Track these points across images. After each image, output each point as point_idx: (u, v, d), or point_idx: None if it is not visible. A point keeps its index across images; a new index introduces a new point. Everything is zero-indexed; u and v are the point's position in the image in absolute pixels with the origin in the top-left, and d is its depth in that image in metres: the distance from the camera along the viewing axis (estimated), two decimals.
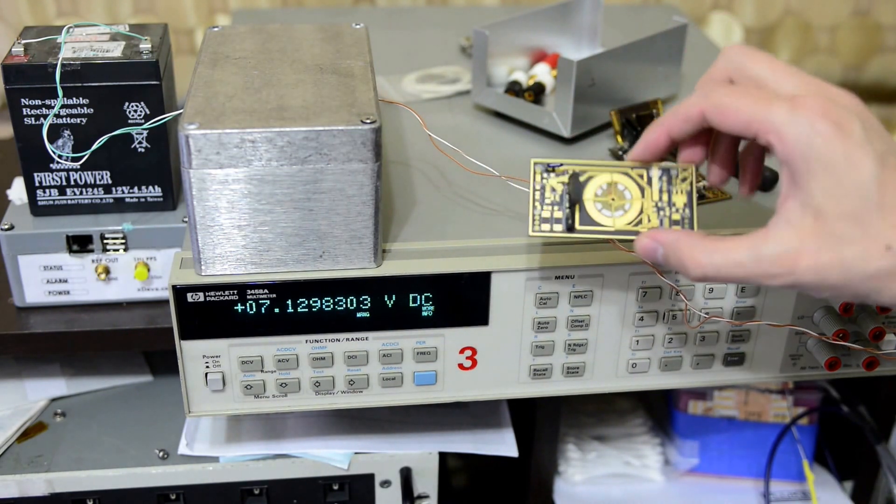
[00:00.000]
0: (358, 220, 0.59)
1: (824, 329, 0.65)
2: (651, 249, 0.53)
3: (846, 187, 0.47)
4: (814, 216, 0.48)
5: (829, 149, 0.47)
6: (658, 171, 0.57)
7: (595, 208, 0.56)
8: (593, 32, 0.89)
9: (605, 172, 0.57)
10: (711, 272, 0.50)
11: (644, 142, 0.56)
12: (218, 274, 0.59)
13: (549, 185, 0.57)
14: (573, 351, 0.65)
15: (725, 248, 0.50)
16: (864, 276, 0.47)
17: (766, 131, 0.48)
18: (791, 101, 0.48)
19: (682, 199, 0.56)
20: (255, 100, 0.58)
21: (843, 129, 0.47)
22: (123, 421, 0.78)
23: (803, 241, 0.48)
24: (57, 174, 0.68)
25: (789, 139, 0.48)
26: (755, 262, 0.49)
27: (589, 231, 0.56)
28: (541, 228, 0.56)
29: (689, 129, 0.53)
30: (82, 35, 0.69)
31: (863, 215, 0.47)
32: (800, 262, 0.48)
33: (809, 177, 0.48)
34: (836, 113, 0.47)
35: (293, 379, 0.63)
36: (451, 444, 0.75)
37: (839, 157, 0.47)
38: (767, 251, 0.49)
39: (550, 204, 0.56)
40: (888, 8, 1.21)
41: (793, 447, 0.86)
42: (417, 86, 0.88)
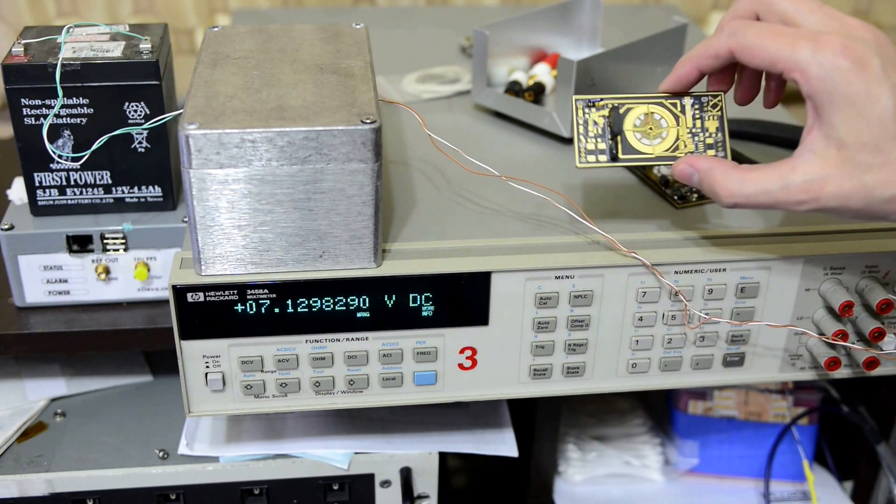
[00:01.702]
0: (358, 220, 0.59)
1: (824, 329, 0.65)
2: (688, 174, 0.58)
3: (866, 119, 0.51)
4: (837, 146, 0.52)
5: (850, 84, 0.51)
6: (690, 99, 0.61)
7: (635, 138, 0.60)
8: (593, 32, 0.89)
9: (641, 104, 0.61)
10: (741, 200, 0.55)
11: (675, 75, 0.60)
12: (218, 274, 0.59)
13: (591, 118, 0.61)
14: (573, 351, 0.65)
15: (755, 178, 0.54)
16: (884, 200, 0.52)
17: (791, 69, 0.52)
18: (814, 40, 0.52)
19: (715, 124, 0.61)
20: (255, 100, 0.58)
21: (862, 65, 0.51)
22: (123, 421, 0.78)
23: (827, 170, 0.52)
24: (57, 174, 0.68)
25: (813, 76, 0.51)
26: (783, 189, 0.53)
27: (632, 159, 0.60)
28: (587, 160, 0.60)
29: (717, 64, 0.57)
30: (82, 35, 0.69)
31: (882, 144, 0.51)
32: (825, 189, 0.52)
33: (832, 110, 0.51)
34: (856, 50, 0.51)
35: (293, 379, 0.63)
36: (451, 444, 0.75)
37: (859, 92, 0.51)
38: (795, 179, 0.53)
39: (594, 137, 0.60)
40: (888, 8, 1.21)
41: (793, 447, 0.86)
42: (417, 86, 0.88)
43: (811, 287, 0.65)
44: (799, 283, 0.64)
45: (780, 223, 0.66)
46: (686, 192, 0.69)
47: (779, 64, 0.53)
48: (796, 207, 0.53)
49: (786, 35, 0.53)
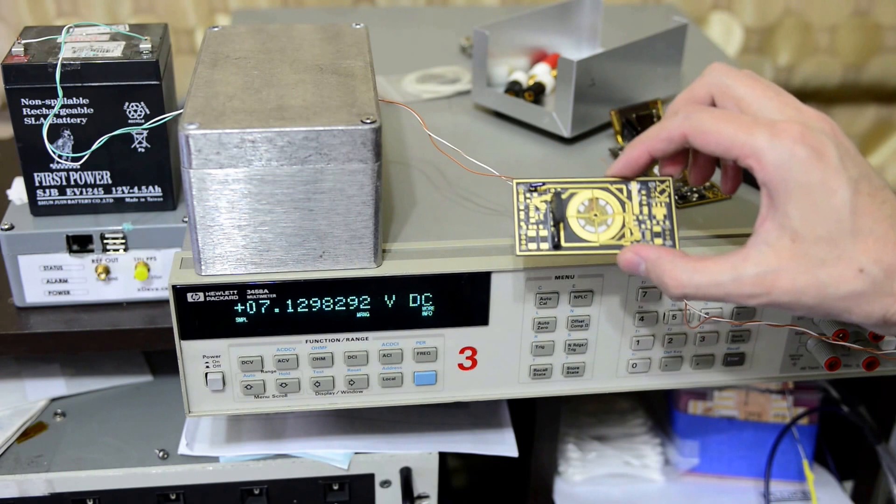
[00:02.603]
0: (358, 220, 0.59)
1: (824, 329, 0.65)
2: (634, 264, 0.55)
3: (822, 211, 0.49)
4: (791, 238, 0.50)
5: (807, 174, 0.49)
6: (637, 184, 0.58)
7: (579, 224, 0.58)
8: (593, 32, 0.89)
9: (585, 189, 0.58)
10: (691, 290, 0.53)
11: (625, 159, 0.58)
12: (218, 274, 0.59)
13: (533, 204, 0.58)
14: (573, 351, 0.65)
15: (705, 268, 0.52)
16: (837, 297, 0.50)
17: (747, 155, 0.51)
18: (771, 127, 0.50)
19: (662, 210, 0.58)
20: (255, 100, 0.58)
21: (820, 155, 0.49)
22: (123, 421, 0.78)
23: (781, 263, 0.50)
24: (57, 174, 0.68)
25: (769, 163, 0.50)
26: (734, 282, 0.51)
27: (575, 247, 0.57)
28: (528, 248, 0.58)
29: (670, 148, 0.55)
30: (82, 35, 0.69)
31: (837, 239, 0.49)
32: (777, 283, 0.50)
33: (787, 200, 0.50)
34: (813, 139, 0.50)
35: (293, 379, 0.63)
36: (451, 444, 0.75)
37: (816, 182, 0.49)
38: (747, 271, 0.51)
39: (535, 223, 0.58)
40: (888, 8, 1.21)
41: (793, 447, 0.86)
42: (417, 86, 0.88)
43: None
44: None
45: None
46: (686, 192, 0.69)
47: (734, 150, 0.51)
48: (748, 301, 0.51)
49: (741, 121, 0.52)
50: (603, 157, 0.75)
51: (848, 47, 1.22)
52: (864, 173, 0.51)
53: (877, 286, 0.50)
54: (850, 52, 1.22)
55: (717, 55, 0.97)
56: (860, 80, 1.24)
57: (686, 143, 0.54)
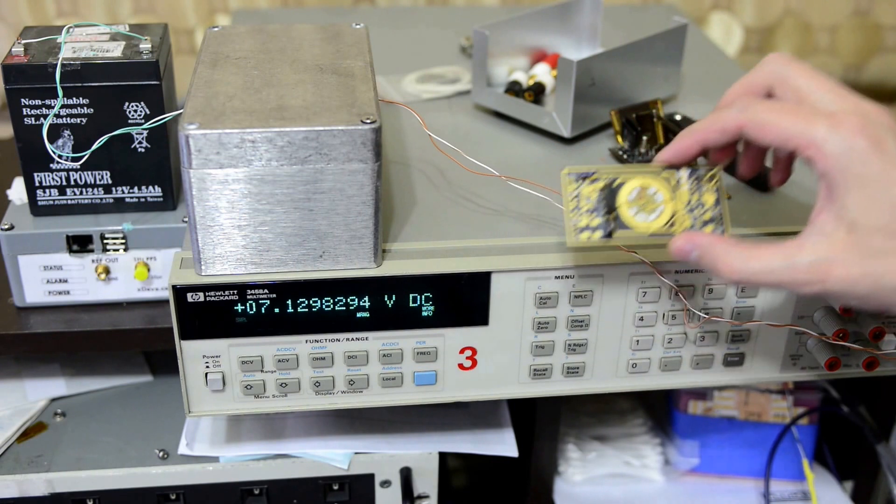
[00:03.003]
0: (358, 220, 0.59)
1: (824, 329, 0.65)
2: (686, 251, 0.55)
3: (880, 202, 0.49)
4: (847, 229, 0.50)
5: (866, 165, 0.49)
6: (686, 171, 0.58)
7: (629, 213, 0.58)
8: (593, 32, 0.89)
9: (635, 177, 0.58)
10: (745, 277, 0.52)
11: (675, 147, 0.57)
12: (218, 274, 0.59)
13: (584, 193, 0.58)
14: (573, 351, 0.65)
15: (759, 256, 0.52)
16: (892, 289, 0.49)
17: (806, 146, 0.51)
18: (831, 118, 0.50)
19: (712, 198, 0.58)
20: (255, 100, 0.58)
21: (879, 147, 0.49)
22: (123, 421, 0.78)
23: (836, 253, 0.50)
24: (57, 174, 0.68)
25: (829, 155, 0.50)
26: (788, 270, 0.51)
27: (628, 237, 0.57)
28: (579, 238, 0.57)
29: (723, 140, 0.55)
30: (82, 35, 0.69)
31: (894, 231, 0.49)
32: (831, 273, 0.50)
33: (846, 191, 0.50)
34: (873, 130, 0.50)
35: (293, 379, 0.63)
36: (451, 444, 0.75)
37: (875, 173, 0.49)
38: (801, 260, 0.51)
39: (587, 212, 0.58)
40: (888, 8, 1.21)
41: (793, 447, 0.86)
42: (417, 86, 0.88)
43: None
44: None
45: (781, 223, 0.66)
46: None
47: (792, 141, 0.51)
48: (801, 289, 0.51)
49: (800, 113, 0.52)
50: (603, 157, 0.75)
51: (848, 47, 1.22)
52: None
53: None
54: (850, 52, 1.22)
55: (716, 55, 0.97)
56: (860, 80, 1.24)
57: (741, 134, 0.54)
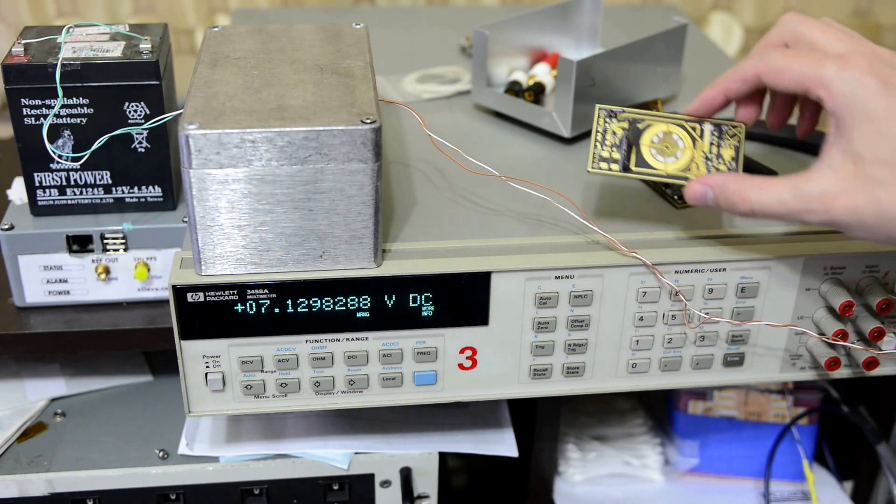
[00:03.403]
0: (358, 220, 0.59)
1: (824, 329, 0.65)
2: (701, 193, 0.58)
3: (885, 135, 0.51)
4: (853, 161, 0.52)
5: (872, 100, 0.51)
6: (711, 125, 0.62)
7: (650, 153, 0.61)
8: (593, 32, 0.89)
9: (662, 123, 0.62)
10: (758, 208, 0.55)
11: (701, 98, 0.61)
12: (218, 274, 0.59)
13: (611, 128, 0.62)
14: (573, 351, 0.65)
15: (771, 186, 0.55)
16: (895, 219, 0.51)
17: (816, 86, 0.53)
18: (840, 59, 0.53)
19: (730, 152, 0.61)
20: (255, 100, 0.58)
21: (887, 83, 0.51)
22: (123, 421, 0.78)
23: (841, 183, 0.52)
24: (57, 174, 0.68)
25: (837, 92, 0.52)
26: (797, 199, 0.54)
27: (643, 173, 0.61)
28: (599, 166, 0.61)
29: (744, 88, 0.58)
30: (82, 35, 0.69)
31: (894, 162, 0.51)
32: (837, 202, 0.52)
33: (852, 126, 0.52)
34: (881, 69, 0.52)
35: (293, 379, 0.63)
36: (451, 444, 0.75)
37: (881, 108, 0.51)
38: (809, 190, 0.53)
39: (610, 146, 0.62)
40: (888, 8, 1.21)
41: (793, 447, 0.86)
42: (417, 86, 0.88)
43: (811, 287, 0.65)
44: (799, 283, 0.64)
45: (782, 223, 0.66)
46: None
47: (805, 82, 0.54)
48: (808, 217, 0.54)
49: (811, 56, 0.54)
50: None
51: None
52: None
53: None
54: None
55: (716, 55, 0.97)
56: None
57: (760, 82, 0.57)
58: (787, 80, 0.55)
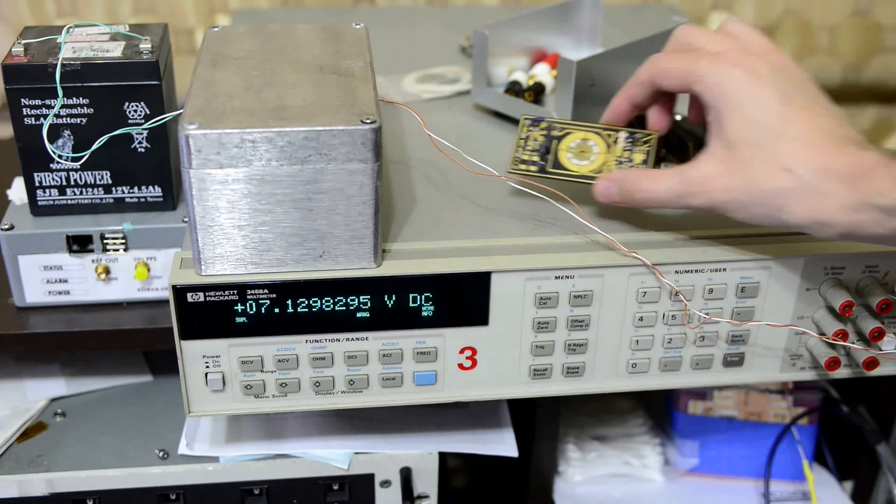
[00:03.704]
0: (358, 220, 0.59)
1: (824, 329, 0.65)
2: (605, 188, 0.62)
3: (751, 119, 0.56)
4: (727, 147, 0.57)
5: (740, 89, 0.56)
6: (625, 133, 0.67)
7: (566, 157, 0.66)
8: (593, 32, 0.89)
9: (580, 131, 0.67)
10: (652, 195, 0.60)
11: (610, 107, 0.66)
12: (218, 274, 0.59)
13: (533, 135, 0.67)
14: (573, 351, 0.65)
15: (661, 176, 0.60)
16: (767, 194, 0.55)
17: (693, 81, 0.58)
18: (712, 56, 0.58)
19: (641, 156, 0.65)
20: (255, 100, 0.58)
21: (754, 73, 0.56)
22: (123, 421, 0.78)
23: (718, 167, 0.57)
24: (57, 174, 0.68)
25: (710, 84, 0.57)
26: (681, 184, 0.58)
27: (557, 174, 0.65)
28: (518, 168, 0.66)
29: (643, 92, 0.63)
30: (82, 35, 0.69)
31: (765, 143, 0.55)
32: (714, 183, 0.57)
33: (724, 114, 0.57)
34: (748, 61, 0.57)
35: (293, 379, 0.63)
36: (451, 444, 0.75)
37: (748, 96, 0.56)
38: (691, 175, 0.58)
39: (531, 150, 0.66)
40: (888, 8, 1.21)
41: (793, 447, 0.86)
42: (417, 86, 0.88)
43: (811, 287, 0.65)
44: (799, 283, 0.64)
45: None
46: None
47: (685, 79, 0.59)
48: (692, 200, 0.58)
49: (690, 55, 0.60)
50: None
51: (848, 47, 1.22)
52: (804, 92, 0.57)
53: (803, 185, 0.54)
54: (850, 52, 1.22)
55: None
56: (860, 80, 1.24)
57: (653, 84, 0.62)
58: (671, 78, 0.60)
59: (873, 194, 0.53)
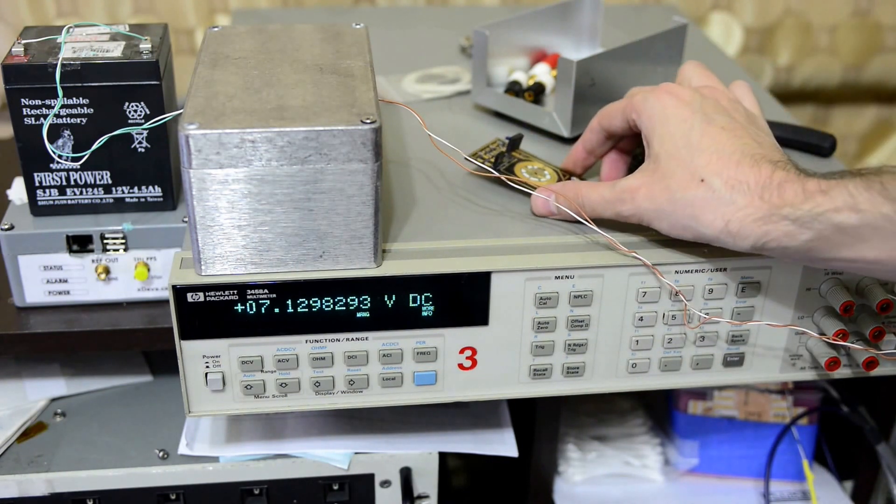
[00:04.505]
0: (358, 220, 0.59)
1: (824, 329, 0.65)
2: (542, 202, 0.65)
3: (675, 137, 0.60)
4: (654, 161, 0.61)
5: (666, 110, 0.61)
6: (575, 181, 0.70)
7: (521, 172, 0.69)
8: (593, 32, 0.89)
9: (539, 163, 0.71)
10: (587, 203, 0.63)
11: (569, 156, 0.71)
12: (218, 274, 0.59)
13: (499, 149, 0.72)
14: (573, 351, 0.65)
15: (598, 186, 0.63)
16: (684, 203, 0.58)
17: (630, 112, 0.64)
18: (648, 89, 0.64)
19: None
20: (255, 100, 0.58)
21: (680, 100, 0.62)
22: (123, 421, 0.78)
23: (645, 179, 0.61)
24: (57, 174, 0.68)
25: (644, 113, 0.63)
26: (613, 192, 0.62)
27: (511, 179, 0.68)
28: (474, 161, 0.70)
29: (596, 137, 0.68)
30: (82, 35, 0.69)
31: (685, 156, 0.59)
32: (639, 192, 0.61)
33: (653, 134, 0.61)
34: (678, 91, 0.62)
35: (293, 379, 0.63)
36: (451, 444, 0.75)
37: (671, 115, 0.61)
38: (622, 184, 0.62)
39: (490, 158, 0.71)
40: (888, 8, 1.21)
41: (793, 447, 0.86)
42: (417, 86, 0.88)
43: (811, 287, 0.65)
44: (799, 283, 0.64)
45: None
46: None
47: (625, 113, 0.64)
48: (621, 207, 0.61)
49: (627, 95, 0.66)
50: None
51: (848, 47, 1.22)
52: (730, 118, 0.61)
53: (717, 195, 0.57)
54: (850, 52, 1.22)
55: (716, 55, 0.97)
56: (860, 80, 1.24)
57: (603, 128, 0.67)
58: (612, 117, 0.66)
59: (783, 206, 0.55)
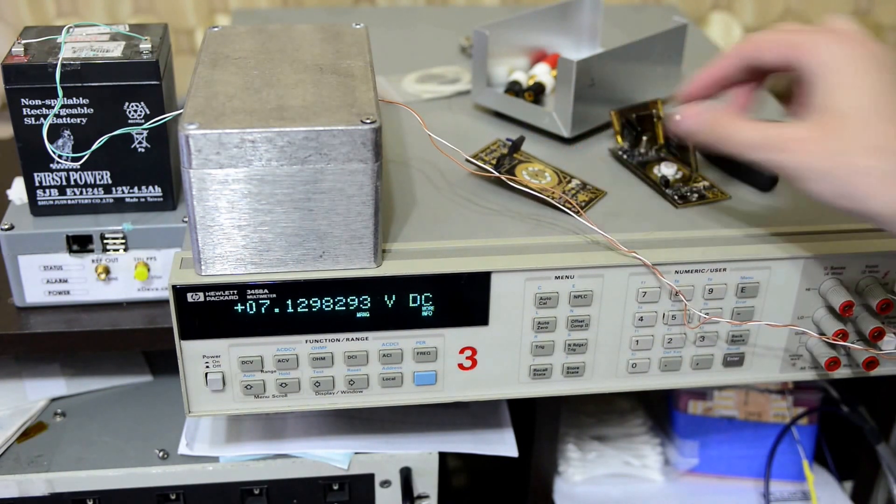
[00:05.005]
0: (358, 220, 0.59)
1: (824, 329, 0.65)
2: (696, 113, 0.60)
3: (860, 94, 0.53)
4: (819, 113, 0.54)
5: (842, 60, 0.54)
6: (578, 181, 0.70)
7: (521, 174, 0.69)
8: (593, 32, 0.89)
9: (540, 165, 0.71)
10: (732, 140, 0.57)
11: (691, 80, 0.63)
12: (218, 274, 0.59)
13: (500, 151, 0.72)
14: (573, 351, 0.65)
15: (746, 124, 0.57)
16: (852, 170, 0.52)
17: (795, 48, 0.56)
18: (815, 30, 0.56)
19: (586, 199, 0.68)
20: (255, 100, 0.58)
21: (867, 49, 0.54)
22: (123, 421, 0.78)
23: (804, 130, 0.54)
24: (57, 174, 0.68)
25: (811, 52, 0.55)
26: (767, 138, 0.55)
27: (510, 178, 0.67)
28: (475, 161, 0.69)
29: (731, 67, 0.61)
30: (82, 35, 0.69)
31: (872, 120, 0.52)
32: (797, 144, 0.54)
33: (823, 81, 0.54)
34: (861, 39, 0.55)
35: (293, 379, 0.63)
36: (451, 444, 0.75)
37: (849, 67, 0.54)
38: (780, 131, 0.55)
39: (492, 158, 0.71)
40: (888, 8, 1.21)
41: (793, 447, 0.86)
42: (417, 86, 0.88)
43: (811, 287, 0.65)
44: (799, 283, 0.64)
45: (782, 223, 0.66)
46: (686, 192, 0.69)
47: (787, 48, 0.56)
48: (777, 157, 0.55)
49: (792, 30, 0.57)
50: (602, 156, 0.75)
51: None
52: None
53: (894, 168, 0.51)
54: None
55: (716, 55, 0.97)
56: None
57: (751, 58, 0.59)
58: (770, 50, 0.58)
59: None
